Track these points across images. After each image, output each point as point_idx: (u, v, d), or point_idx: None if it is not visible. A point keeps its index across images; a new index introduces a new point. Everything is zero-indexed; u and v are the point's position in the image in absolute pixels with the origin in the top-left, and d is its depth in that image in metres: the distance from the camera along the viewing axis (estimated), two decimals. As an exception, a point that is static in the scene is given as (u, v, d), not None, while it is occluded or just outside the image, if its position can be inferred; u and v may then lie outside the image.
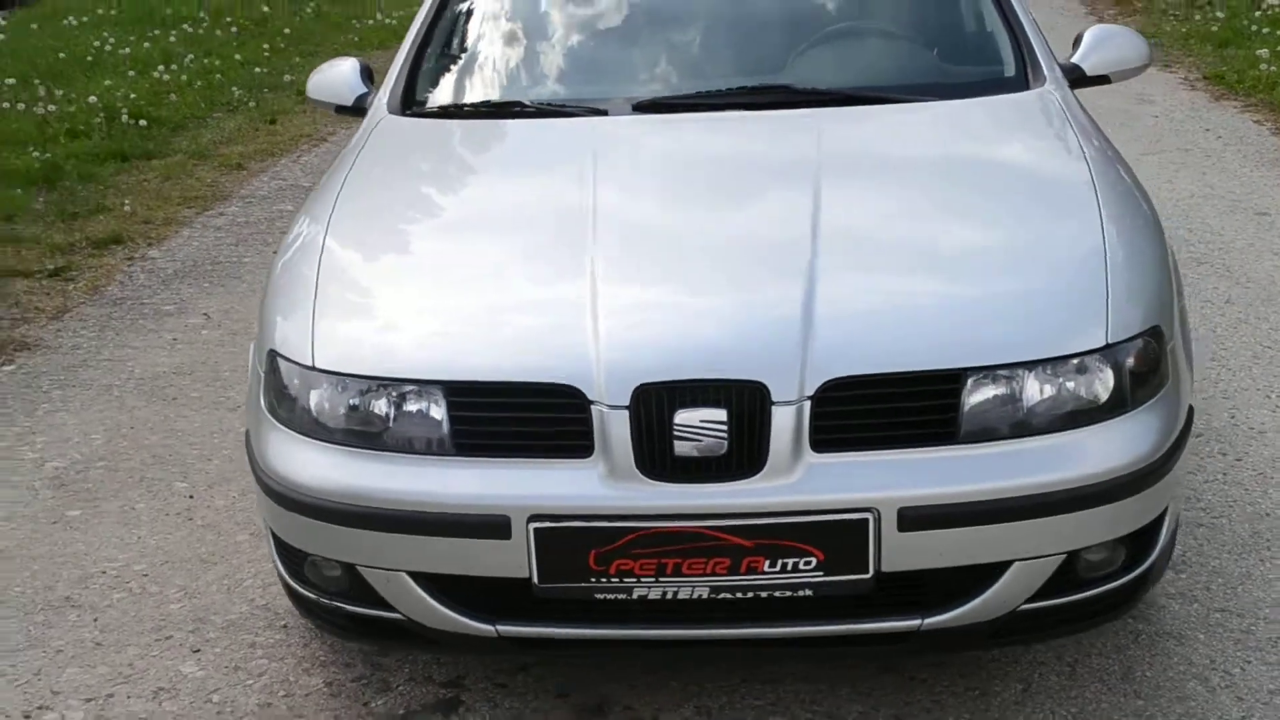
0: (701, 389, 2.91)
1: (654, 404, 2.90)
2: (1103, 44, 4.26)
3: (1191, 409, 3.31)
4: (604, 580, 2.94)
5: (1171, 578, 3.85)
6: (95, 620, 3.92)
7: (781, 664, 3.46)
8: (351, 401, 3.10)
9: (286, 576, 3.32)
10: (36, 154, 9.10)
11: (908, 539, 2.89)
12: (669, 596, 2.95)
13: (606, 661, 3.48)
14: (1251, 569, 3.90)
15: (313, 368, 3.15)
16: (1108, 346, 3.02)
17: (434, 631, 3.11)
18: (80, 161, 9.11)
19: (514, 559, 2.94)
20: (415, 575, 3.06)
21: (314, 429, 3.13)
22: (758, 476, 2.89)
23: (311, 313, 3.27)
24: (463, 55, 4.38)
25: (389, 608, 3.12)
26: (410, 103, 4.22)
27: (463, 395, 3.02)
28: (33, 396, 5.48)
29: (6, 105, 10.52)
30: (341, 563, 3.14)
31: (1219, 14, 12.90)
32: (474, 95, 4.25)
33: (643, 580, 2.93)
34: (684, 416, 2.89)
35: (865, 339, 3.00)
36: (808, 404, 2.90)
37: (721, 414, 2.89)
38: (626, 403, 2.91)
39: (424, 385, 3.05)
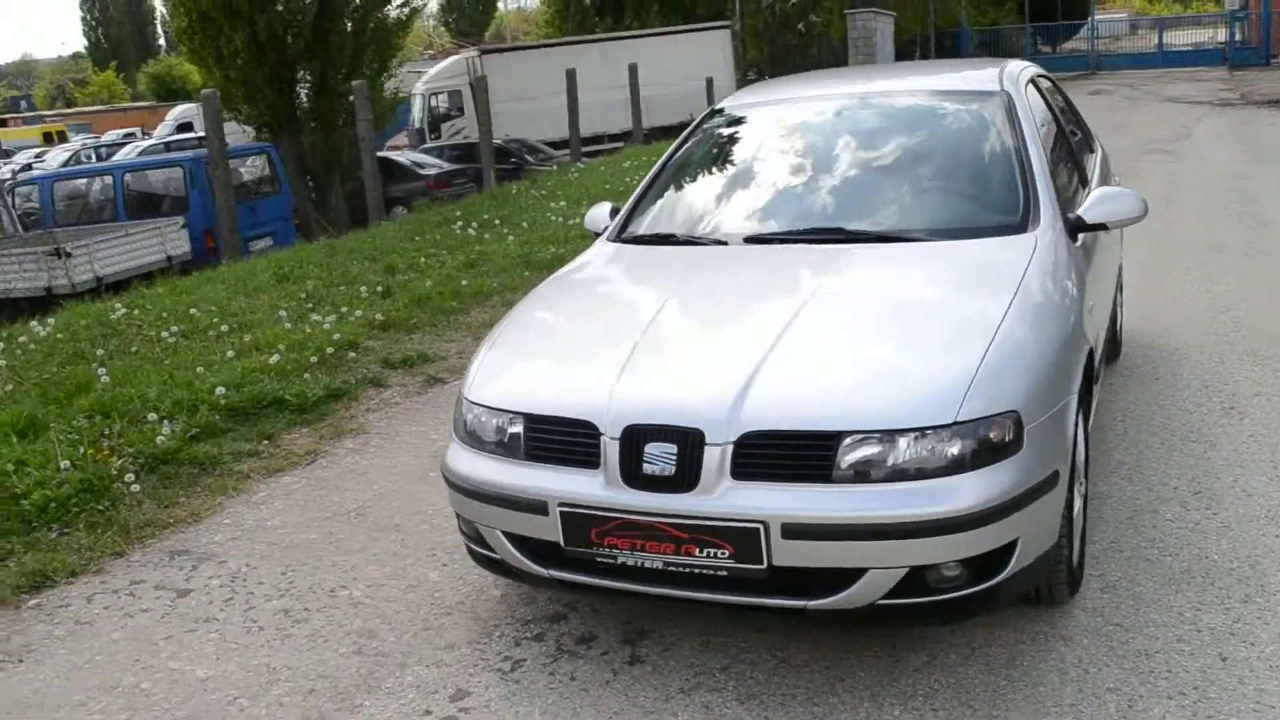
0: (663, 431, 2.97)
1: (635, 438, 2.98)
2: (1102, 201, 3.89)
3: (1057, 473, 3.03)
4: (600, 549, 3.06)
5: (1095, 595, 3.52)
6: (403, 540, 4.29)
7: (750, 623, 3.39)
8: (485, 422, 3.33)
9: (460, 528, 3.55)
10: (553, 249, 9.74)
11: (790, 545, 2.86)
12: (639, 565, 3.03)
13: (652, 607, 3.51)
14: (1164, 597, 3.49)
15: (468, 399, 3.40)
16: (955, 423, 2.84)
17: (515, 569, 3.30)
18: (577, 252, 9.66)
19: (550, 529, 3.10)
20: (505, 532, 3.23)
21: (466, 438, 3.38)
22: (693, 492, 2.93)
23: (480, 365, 3.52)
24: (656, 204, 4.45)
25: (492, 550, 3.32)
26: (620, 233, 4.37)
27: (533, 422, 3.19)
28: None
29: (553, 218, 11.33)
30: (471, 521, 3.36)
31: None
32: (651, 229, 4.33)
33: (622, 552, 3.03)
34: (651, 448, 2.96)
35: (778, 407, 2.97)
36: (731, 447, 2.91)
37: (673, 448, 2.94)
38: (619, 436, 2.99)
39: (515, 414, 3.24)
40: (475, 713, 3.14)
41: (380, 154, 19.67)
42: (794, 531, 2.83)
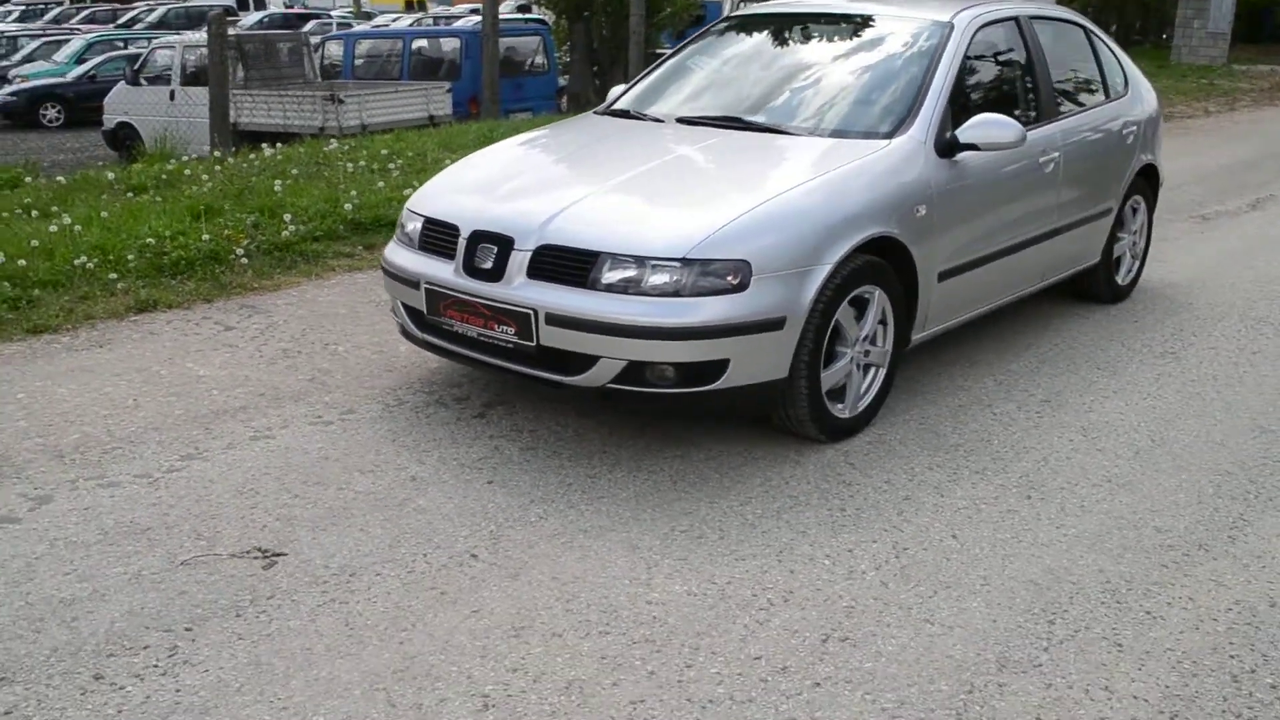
0: (491, 236, 4.09)
1: (474, 238, 4.11)
2: (979, 125, 4.54)
3: (784, 319, 3.89)
4: (444, 319, 4.22)
5: (860, 445, 4.33)
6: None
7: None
8: (408, 224, 4.54)
9: (390, 306, 4.77)
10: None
11: (550, 329, 3.91)
12: (464, 333, 4.17)
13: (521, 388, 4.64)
14: (914, 456, 4.24)
15: (406, 208, 4.62)
16: (685, 259, 3.78)
17: (408, 333, 4.51)
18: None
19: (419, 300, 4.29)
20: (402, 304, 4.46)
21: (400, 236, 4.62)
22: (499, 283, 4.02)
23: (424, 187, 4.75)
24: (639, 88, 5.46)
25: (397, 317, 4.55)
26: (610, 107, 5.43)
27: (428, 223, 4.39)
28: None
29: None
30: (391, 296, 4.60)
31: None
32: (622, 106, 5.35)
33: (456, 322, 4.19)
34: (481, 247, 4.09)
35: (568, 230, 3.98)
36: (529, 253, 3.99)
37: (494, 248, 4.05)
38: (468, 237, 4.14)
39: (420, 216, 4.45)
40: (350, 421, 4.42)
41: (661, 50, 20.97)
42: (553, 320, 3.89)
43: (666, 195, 4.21)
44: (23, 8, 38.02)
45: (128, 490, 3.83)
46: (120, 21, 33.11)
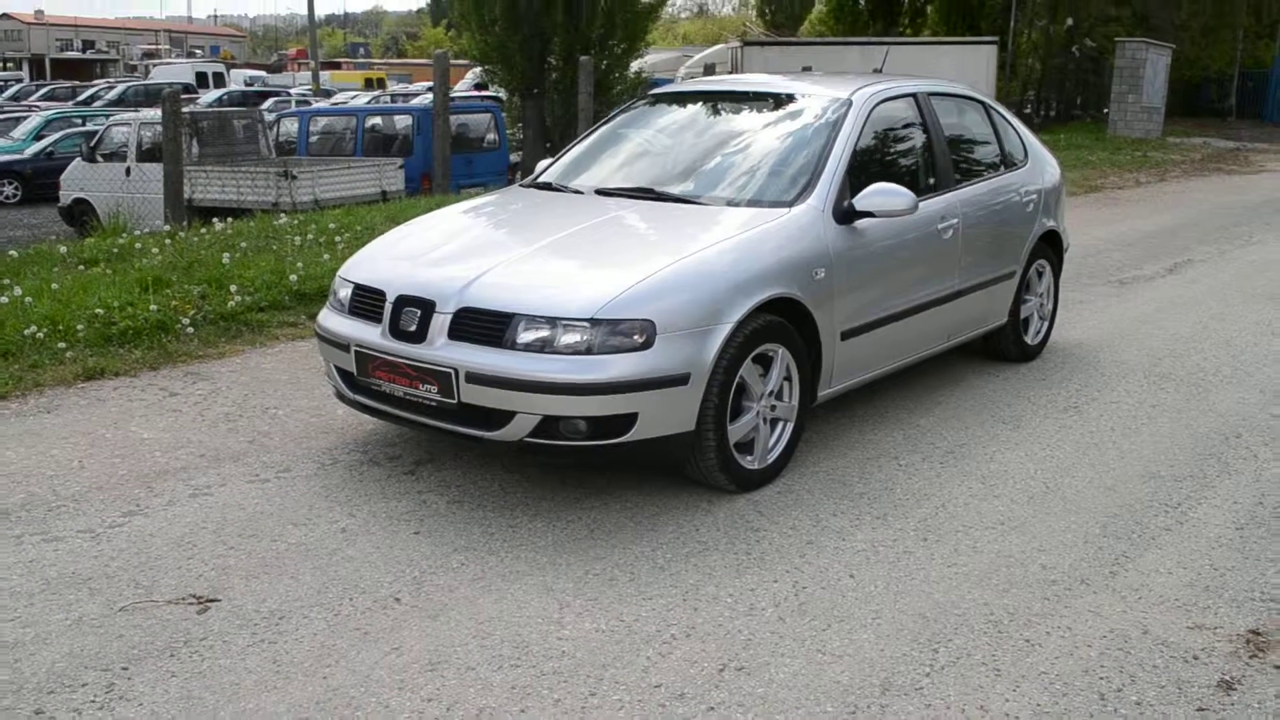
0: (414, 299, 4.36)
1: (399, 303, 4.39)
2: (874, 194, 4.88)
3: (688, 375, 4.17)
4: (372, 379, 4.47)
5: (770, 494, 4.60)
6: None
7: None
8: (339, 290, 4.82)
9: (325, 369, 5.02)
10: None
11: (471, 387, 4.18)
12: (391, 392, 4.42)
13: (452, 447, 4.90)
14: (821, 504, 4.52)
15: (339, 275, 4.90)
16: (593, 319, 4.07)
17: (341, 394, 4.76)
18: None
19: (349, 362, 4.55)
20: (335, 366, 4.72)
21: (332, 302, 4.88)
22: (422, 344, 4.29)
23: (355, 255, 5.02)
24: (564, 161, 5.80)
25: (331, 380, 4.80)
26: (536, 179, 5.75)
27: (356, 289, 4.66)
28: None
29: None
30: (324, 359, 4.86)
31: None
32: (546, 179, 5.68)
33: (384, 382, 4.44)
34: (405, 310, 4.36)
35: (487, 293, 4.27)
36: (450, 316, 4.26)
37: (417, 312, 4.32)
38: (393, 301, 4.41)
39: (349, 282, 4.72)
40: (286, 479, 4.65)
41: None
42: (473, 378, 4.15)
43: (578, 261, 4.52)
44: (-18, 86, 38.34)
45: (71, 544, 4.03)
46: (80, 99, 33.46)
